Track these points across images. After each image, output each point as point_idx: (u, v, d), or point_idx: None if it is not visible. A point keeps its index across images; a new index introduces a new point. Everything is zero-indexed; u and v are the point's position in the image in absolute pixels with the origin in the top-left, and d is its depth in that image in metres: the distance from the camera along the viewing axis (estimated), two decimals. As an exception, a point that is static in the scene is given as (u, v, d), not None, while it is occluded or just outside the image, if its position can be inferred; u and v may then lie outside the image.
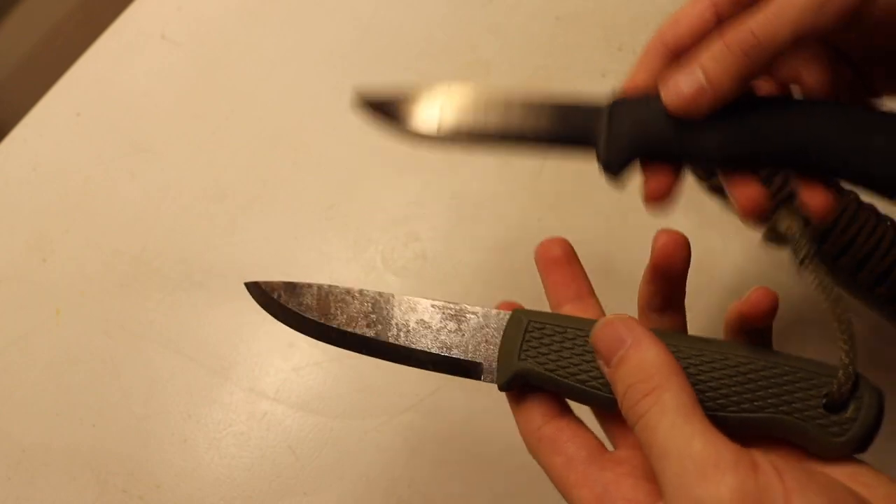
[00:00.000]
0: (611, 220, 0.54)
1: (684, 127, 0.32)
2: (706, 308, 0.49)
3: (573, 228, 0.53)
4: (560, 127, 0.35)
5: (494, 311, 0.32)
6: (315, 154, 0.56)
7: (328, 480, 0.46)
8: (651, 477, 0.25)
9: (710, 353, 0.28)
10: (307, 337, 0.34)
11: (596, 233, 0.53)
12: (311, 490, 0.46)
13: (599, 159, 0.35)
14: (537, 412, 0.29)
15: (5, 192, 0.55)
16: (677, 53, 0.33)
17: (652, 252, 0.30)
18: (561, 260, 0.33)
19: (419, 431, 0.47)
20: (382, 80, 0.54)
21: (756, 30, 0.29)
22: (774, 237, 0.32)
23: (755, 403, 0.26)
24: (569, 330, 0.30)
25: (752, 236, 0.53)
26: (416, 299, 0.33)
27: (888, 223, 0.49)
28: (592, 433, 0.29)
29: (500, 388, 0.31)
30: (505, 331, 0.31)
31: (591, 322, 0.29)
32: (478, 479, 0.46)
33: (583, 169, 0.55)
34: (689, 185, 0.54)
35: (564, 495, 0.27)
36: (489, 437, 0.47)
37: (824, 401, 0.26)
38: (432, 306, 0.32)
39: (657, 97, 0.32)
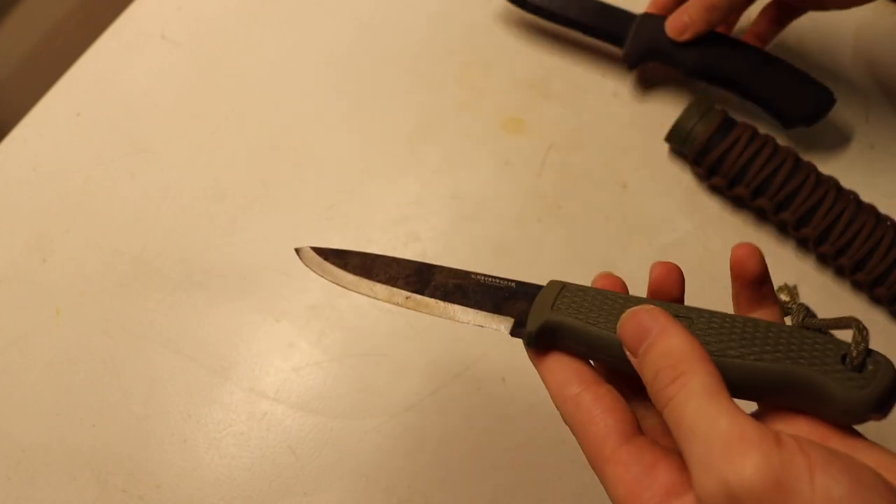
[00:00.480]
0: (611, 221, 0.54)
1: (677, 44, 0.54)
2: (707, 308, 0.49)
3: (573, 228, 0.53)
4: (602, 22, 0.56)
5: (530, 284, 0.32)
6: (315, 154, 0.56)
7: (328, 480, 0.46)
8: (683, 465, 0.25)
9: (733, 318, 0.28)
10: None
11: (596, 233, 0.53)
12: (311, 490, 0.46)
13: (623, 54, 0.56)
14: (573, 375, 0.29)
15: (5, 192, 0.55)
16: None
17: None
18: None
19: (419, 431, 0.47)
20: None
21: None
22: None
23: (775, 354, 0.27)
24: (608, 296, 0.30)
25: (753, 236, 0.53)
26: (458, 269, 0.34)
27: (888, 223, 0.49)
28: (629, 409, 0.29)
29: (528, 342, 0.31)
30: (539, 295, 0.31)
31: (633, 298, 0.30)
32: (478, 479, 0.46)
33: (583, 169, 0.55)
34: (690, 186, 0.55)
35: (596, 468, 0.28)
36: (489, 437, 0.47)
37: (843, 357, 0.26)
38: (473, 275, 0.33)
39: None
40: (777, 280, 0.52)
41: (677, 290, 0.32)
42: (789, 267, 0.52)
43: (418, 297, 0.34)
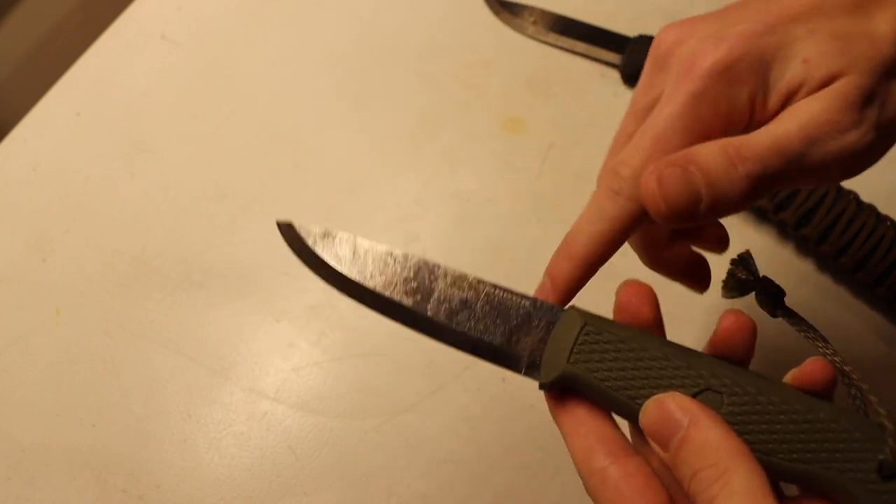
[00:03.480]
0: (611, 220, 0.53)
1: None
2: (707, 310, 0.49)
3: (573, 228, 0.53)
4: (597, 41, 0.58)
5: (548, 305, 0.29)
6: (315, 154, 0.56)
7: (328, 480, 0.46)
8: None
9: (767, 395, 0.26)
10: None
11: (596, 233, 0.53)
12: (311, 490, 0.46)
13: (621, 73, 0.57)
14: (599, 442, 0.27)
15: (5, 192, 0.55)
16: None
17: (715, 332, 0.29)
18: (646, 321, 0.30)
19: (419, 431, 0.47)
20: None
21: (754, 151, 0.27)
22: (735, 289, 0.31)
23: (807, 454, 0.25)
24: (629, 342, 0.28)
25: (753, 236, 0.53)
26: (463, 273, 0.30)
27: (888, 223, 0.49)
28: (661, 489, 0.27)
29: (542, 387, 0.29)
30: (557, 327, 0.29)
31: (654, 338, 0.28)
32: (478, 479, 0.46)
33: (583, 169, 0.55)
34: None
35: None
36: (489, 437, 0.47)
37: (878, 464, 0.25)
38: (479, 283, 0.30)
39: None
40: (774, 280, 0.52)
41: (744, 348, 0.29)
42: (789, 267, 0.52)
43: (419, 315, 0.30)
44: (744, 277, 0.31)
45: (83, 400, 0.48)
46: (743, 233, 0.53)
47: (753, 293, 0.31)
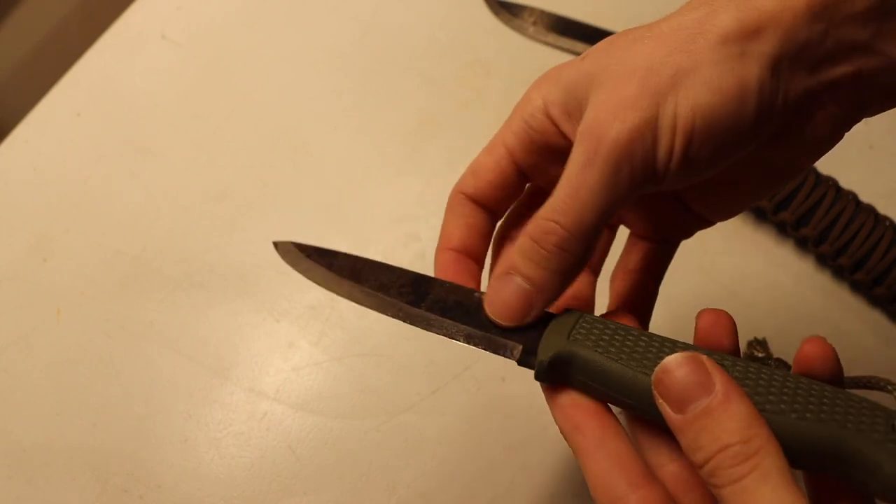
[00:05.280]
0: (610, 221, 0.54)
1: None
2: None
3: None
4: None
5: (548, 311, 0.29)
6: (315, 154, 0.56)
7: (328, 480, 0.46)
8: None
9: (771, 369, 0.26)
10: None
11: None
12: (311, 490, 0.46)
13: None
14: (617, 470, 0.26)
15: (6, 192, 0.55)
16: (483, 205, 0.33)
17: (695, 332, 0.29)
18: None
19: (419, 431, 0.47)
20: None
21: (560, 220, 0.28)
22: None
23: (819, 414, 0.24)
24: (628, 329, 0.27)
25: (752, 236, 0.53)
26: (460, 286, 0.31)
27: (887, 223, 0.49)
28: None
29: (538, 373, 0.28)
30: (554, 321, 0.28)
31: (666, 340, 0.27)
32: (478, 479, 0.46)
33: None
34: (689, 186, 0.55)
35: None
36: (489, 437, 0.47)
37: (893, 427, 0.24)
38: (477, 293, 0.30)
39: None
40: (774, 280, 0.52)
41: (728, 341, 0.29)
42: (788, 267, 0.52)
43: (413, 309, 0.30)
44: (760, 356, 0.32)
45: (83, 400, 0.48)
46: (742, 233, 0.53)
47: None
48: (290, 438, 0.47)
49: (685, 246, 0.52)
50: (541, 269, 0.28)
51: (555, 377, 0.28)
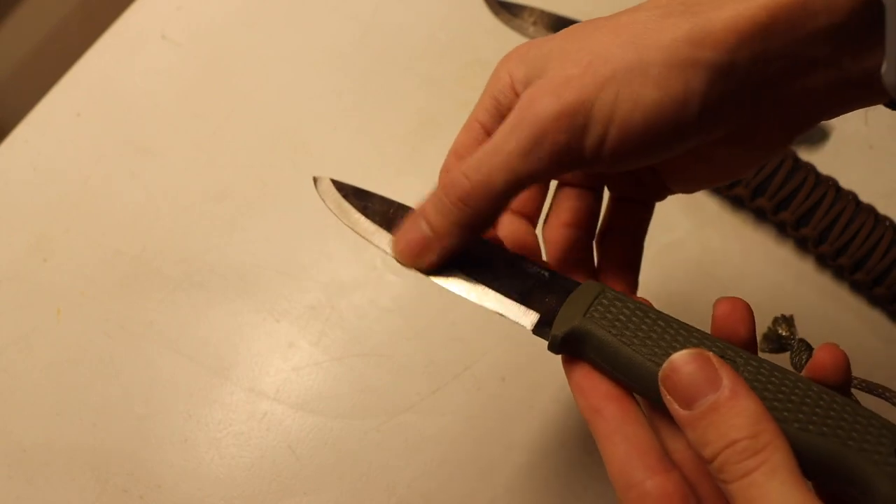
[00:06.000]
0: (610, 221, 0.54)
1: None
2: (706, 308, 0.49)
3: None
4: None
5: (566, 278, 0.29)
6: (315, 154, 0.56)
7: (328, 480, 0.46)
8: None
9: (783, 372, 0.25)
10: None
11: (595, 233, 0.53)
12: (311, 490, 0.46)
13: None
14: (635, 455, 0.26)
15: (6, 192, 0.55)
16: None
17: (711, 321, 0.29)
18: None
19: (419, 431, 0.47)
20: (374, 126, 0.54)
21: (470, 176, 0.29)
22: (774, 343, 0.32)
23: (822, 427, 0.24)
24: (646, 311, 0.27)
25: (752, 236, 0.53)
26: (487, 241, 0.31)
27: (887, 223, 0.49)
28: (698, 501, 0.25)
29: (551, 346, 0.28)
30: (574, 293, 0.28)
31: (683, 323, 0.27)
32: (478, 479, 0.46)
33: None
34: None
35: None
36: (489, 437, 0.47)
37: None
38: (501, 251, 0.31)
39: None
40: (774, 280, 0.52)
41: (745, 329, 0.29)
42: (788, 267, 0.52)
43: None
44: (784, 335, 0.32)
45: (83, 400, 0.48)
46: (742, 233, 0.53)
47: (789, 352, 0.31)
48: (290, 438, 0.47)
49: (685, 246, 0.53)
50: (441, 218, 0.29)
51: (568, 351, 0.28)
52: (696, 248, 0.53)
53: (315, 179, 0.34)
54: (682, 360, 0.25)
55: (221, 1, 0.62)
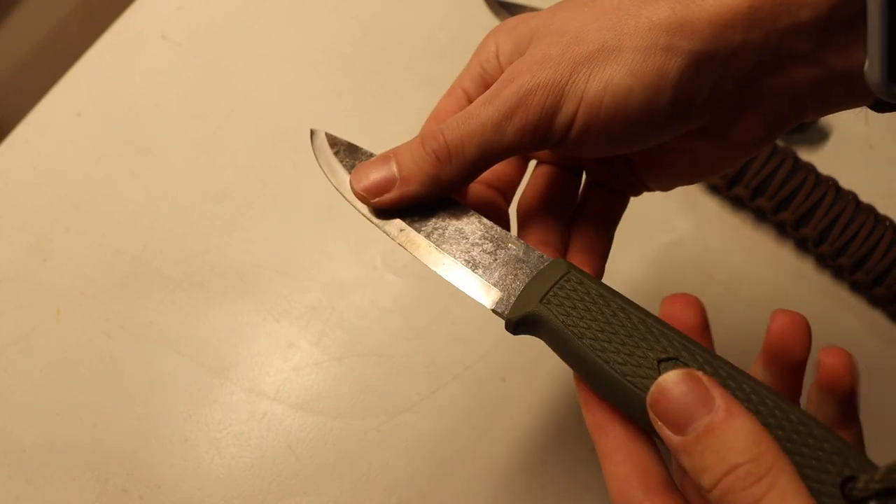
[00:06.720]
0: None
1: None
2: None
3: (573, 228, 0.53)
4: None
5: (538, 253, 0.29)
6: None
7: (328, 480, 0.46)
8: None
9: (738, 381, 0.24)
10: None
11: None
12: (311, 490, 0.46)
13: None
14: (635, 475, 0.25)
15: (6, 192, 0.55)
16: None
17: (766, 335, 0.27)
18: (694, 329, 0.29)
19: (419, 431, 0.47)
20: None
21: (446, 134, 0.29)
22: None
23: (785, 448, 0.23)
24: (608, 299, 0.26)
25: (752, 236, 0.53)
26: (466, 209, 0.31)
27: (887, 223, 0.49)
28: None
29: (507, 326, 0.28)
30: (540, 272, 0.28)
31: (638, 306, 0.26)
32: (478, 479, 0.46)
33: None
34: (688, 185, 0.55)
35: None
36: (489, 437, 0.47)
37: (843, 482, 0.22)
38: (478, 221, 0.30)
39: None
40: (774, 280, 0.52)
41: (801, 352, 0.26)
42: (788, 267, 0.52)
43: (413, 233, 0.30)
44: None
45: (84, 400, 0.48)
46: (742, 233, 0.53)
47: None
48: (290, 438, 0.47)
49: (685, 246, 0.53)
50: (411, 163, 0.30)
51: (526, 332, 0.28)
52: (696, 248, 0.53)
53: (312, 133, 0.34)
54: (671, 381, 0.23)
55: (221, 1, 0.62)
